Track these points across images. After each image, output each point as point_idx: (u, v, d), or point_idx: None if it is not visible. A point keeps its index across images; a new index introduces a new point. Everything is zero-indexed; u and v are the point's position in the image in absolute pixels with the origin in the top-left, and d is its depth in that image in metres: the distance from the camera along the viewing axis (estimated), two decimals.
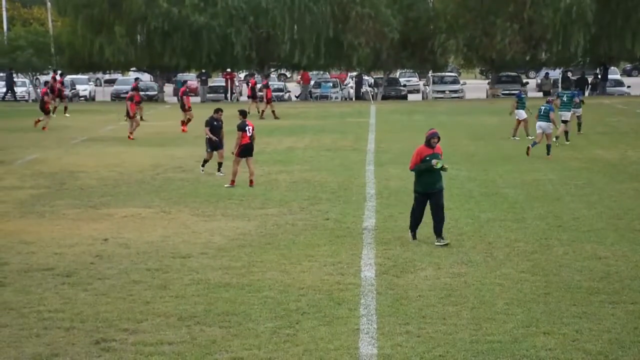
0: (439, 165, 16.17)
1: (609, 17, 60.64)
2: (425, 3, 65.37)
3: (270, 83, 53.94)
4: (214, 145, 25.18)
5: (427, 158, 16.22)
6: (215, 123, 25.09)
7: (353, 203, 20.90)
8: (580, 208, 19.83)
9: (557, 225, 18.01)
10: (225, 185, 23.31)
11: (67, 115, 47.37)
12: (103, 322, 11.85)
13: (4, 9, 74.99)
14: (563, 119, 31.96)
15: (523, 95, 35.24)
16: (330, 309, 12.38)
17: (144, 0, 60.40)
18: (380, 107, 54.03)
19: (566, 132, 32.46)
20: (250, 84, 51.01)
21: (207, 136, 25.20)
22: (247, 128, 23.23)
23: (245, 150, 23.22)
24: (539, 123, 28.99)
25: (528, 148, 28.75)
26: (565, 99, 32.98)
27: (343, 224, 18.38)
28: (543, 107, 29.12)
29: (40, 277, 14.25)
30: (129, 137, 35.57)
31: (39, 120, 40.64)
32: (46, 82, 47.70)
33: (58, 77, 52.18)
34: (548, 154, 28.37)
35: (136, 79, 53.28)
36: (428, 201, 16.43)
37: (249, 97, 50.49)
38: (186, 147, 32.48)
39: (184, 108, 39.24)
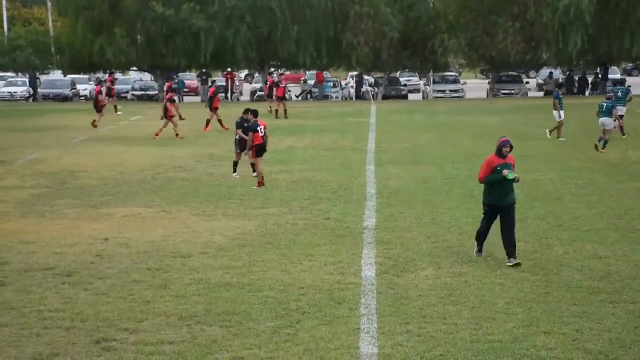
0: (510, 176, 14.95)
1: (608, 18, 60.60)
2: (425, 3, 65.34)
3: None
4: (243, 146, 24.61)
5: (498, 168, 15.01)
6: (245, 124, 24.30)
7: (353, 202, 20.89)
8: (580, 207, 19.82)
9: (557, 224, 18.00)
10: (254, 187, 23.02)
11: (119, 113, 47.80)
12: (103, 321, 11.86)
13: (4, 8, 75.09)
14: (619, 113, 32.86)
15: (561, 96, 34.82)
16: (330, 308, 12.38)
17: (138, 3, 60.32)
18: (380, 107, 54.02)
19: (621, 127, 33.59)
20: (268, 83, 50.92)
21: (237, 137, 24.60)
22: (259, 128, 23.18)
23: (259, 150, 23.13)
24: (601, 119, 30.17)
25: (596, 145, 29.60)
26: (620, 94, 34.43)
27: (343, 223, 18.37)
28: (605, 104, 30.57)
29: (40, 277, 14.25)
30: (177, 136, 35.24)
31: (95, 120, 40.97)
32: (100, 81, 47.84)
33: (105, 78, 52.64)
34: (603, 147, 29.49)
35: (170, 79, 53.30)
36: (498, 217, 15.11)
37: (267, 96, 50.51)
38: (186, 147, 32.49)
39: (212, 107, 38.86)
